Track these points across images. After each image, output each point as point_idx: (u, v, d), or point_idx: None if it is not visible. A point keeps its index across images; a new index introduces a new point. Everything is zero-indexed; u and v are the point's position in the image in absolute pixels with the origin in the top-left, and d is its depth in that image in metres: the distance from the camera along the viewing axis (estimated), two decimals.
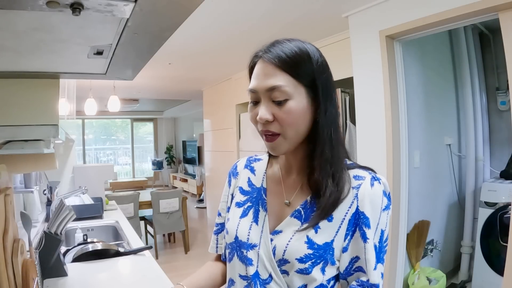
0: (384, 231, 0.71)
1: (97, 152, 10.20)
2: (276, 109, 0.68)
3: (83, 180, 2.86)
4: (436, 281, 2.45)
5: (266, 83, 0.68)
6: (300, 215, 0.73)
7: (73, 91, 2.63)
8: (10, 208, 0.99)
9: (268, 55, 0.70)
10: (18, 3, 0.49)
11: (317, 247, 0.68)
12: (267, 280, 0.72)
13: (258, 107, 0.71)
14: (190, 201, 7.13)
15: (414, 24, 1.99)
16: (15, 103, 0.96)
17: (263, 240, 0.74)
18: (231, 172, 0.91)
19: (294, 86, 0.68)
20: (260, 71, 0.70)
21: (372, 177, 0.72)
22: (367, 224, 0.69)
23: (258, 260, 0.73)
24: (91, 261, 1.58)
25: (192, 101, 7.26)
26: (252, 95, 0.72)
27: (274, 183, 0.81)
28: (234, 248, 0.78)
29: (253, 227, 0.76)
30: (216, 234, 0.91)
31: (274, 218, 0.76)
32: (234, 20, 2.53)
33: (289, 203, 0.76)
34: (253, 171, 0.86)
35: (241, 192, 0.84)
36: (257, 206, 0.79)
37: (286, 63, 0.68)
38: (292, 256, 0.69)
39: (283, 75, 0.68)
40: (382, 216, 0.70)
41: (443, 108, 2.93)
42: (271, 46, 0.71)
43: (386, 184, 0.73)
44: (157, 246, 4.38)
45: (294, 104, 0.68)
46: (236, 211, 0.82)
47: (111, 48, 0.75)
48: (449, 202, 2.99)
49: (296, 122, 0.69)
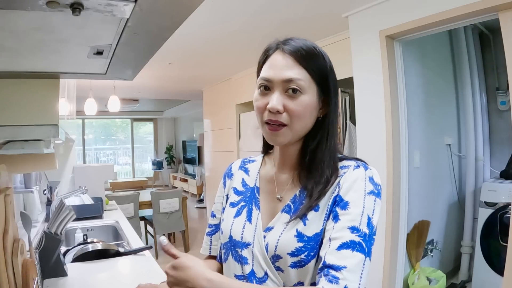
0: (371, 218, 0.65)
1: (97, 152, 10.20)
2: (288, 101, 0.70)
3: (83, 180, 2.86)
4: (436, 281, 2.45)
5: (284, 74, 0.70)
6: (290, 209, 0.73)
7: (73, 91, 2.63)
8: (10, 208, 0.99)
9: (288, 47, 0.71)
10: (18, 3, 0.49)
11: (307, 239, 0.68)
12: (263, 278, 0.72)
13: (267, 96, 0.72)
14: (190, 201, 7.13)
15: (414, 24, 1.99)
16: (15, 103, 0.96)
17: (256, 238, 0.74)
18: (226, 174, 0.92)
19: (309, 81, 0.70)
20: (278, 62, 0.71)
21: (356, 165, 0.72)
22: (342, 206, 0.67)
23: (253, 259, 0.74)
24: (91, 261, 1.58)
25: (192, 101, 7.26)
26: (264, 84, 0.72)
27: (266, 181, 0.82)
28: (229, 248, 0.78)
29: (246, 225, 0.77)
30: (210, 236, 0.91)
31: (267, 215, 0.77)
32: (234, 20, 2.53)
33: (280, 198, 0.77)
34: (247, 172, 0.87)
35: (235, 192, 0.85)
36: (251, 205, 0.80)
37: (305, 58, 0.70)
38: (284, 251, 0.69)
39: (301, 69, 0.70)
40: (367, 200, 0.67)
41: (443, 108, 2.93)
42: (289, 40, 0.73)
43: (376, 173, 0.72)
44: (157, 246, 4.37)
45: (306, 99, 0.70)
46: (230, 211, 0.82)
47: (111, 48, 0.75)
48: (449, 202, 2.99)
49: (304, 116, 0.70)
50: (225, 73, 4.46)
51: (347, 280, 0.58)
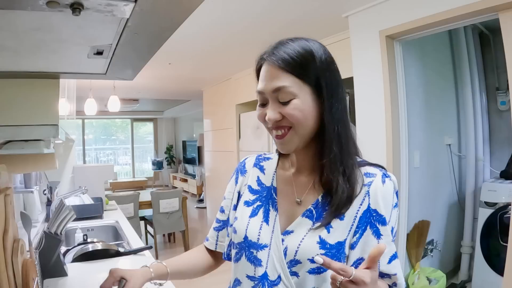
0: (394, 228, 0.71)
1: (97, 152, 10.20)
2: (283, 108, 0.70)
3: (83, 180, 2.86)
4: (436, 281, 2.45)
5: (272, 85, 0.70)
6: (312, 215, 0.72)
7: (73, 91, 2.63)
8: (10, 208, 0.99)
9: (272, 57, 0.71)
10: (18, 3, 0.49)
11: (329, 247, 0.68)
12: (276, 282, 0.71)
13: (266, 108, 0.72)
14: (190, 201, 7.13)
15: (414, 24, 1.99)
16: (15, 103, 0.96)
17: (274, 240, 0.73)
18: (238, 169, 0.90)
19: (298, 85, 0.69)
20: (266, 73, 0.72)
21: (383, 174, 0.72)
22: (381, 222, 0.69)
23: (268, 261, 0.73)
24: (91, 261, 1.58)
25: (192, 101, 7.26)
26: (260, 96, 0.74)
27: (284, 182, 0.80)
28: (243, 248, 0.77)
29: (263, 227, 0.76)
30: (217, 231, 0.90)
31: (285, 218, 0.75)
32: (234, 20, 2.53)
33: (300, 202, 0.75)
34: (263, 170, 0.85)
35: (250, 191, 0.83)
36: (268, 205, 0.78)
37: (290, 64, 0.69)
38: (304, 257, 0.69)
39: (287, 76, 0.69)
40: (393, 213, 0.71)
41: (443, 108, 2.93)
42: (275, 48, 0.72)
43: (395, 181, 0.73)
44: (157, 246, 4.37)
45: (300, 102, 0.69)
46: (245, 210, 0.81)
47: (111, 48, 0.75)
48: (449, 202, 2.99)
49: (303, 118, 0.70)
50: (225, 73, 4.46)
51: (399, 279, 0.71)
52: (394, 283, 0.71)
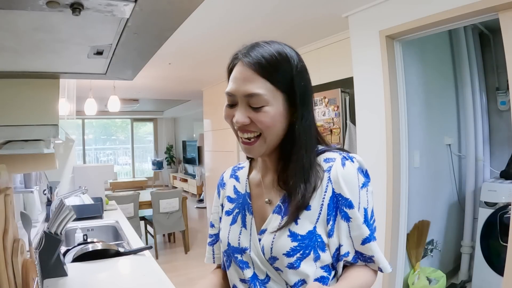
0: (367, 209, 0.71)
1: (97, 152, 10.19)
2: (252, 113, 0.69)
3: (83, 180, 2.86)
4: (436, 281, 2.45)
5: (245, 88, 0.68)
6: (281, 210, 0.74)
7: (73, 91, 2.63)
8: (10, 208, 0.99)
9: (248, 59, 0.69)
10: (18, 3, 0.49)
11: (301, 238, 0.69)
12: (265, 280, 0.73)
13: (234, 109, 0.71)
14: (190, 201, 7.13)
15: (414, 24, 1.99)
16: (15, 103, 0.96)
17: (252, 242, 0.75)
18: (219, 184, 0.92)
19: (271, 92, 0.68)
20: (239, 74, 0.70)
21: (342, 157, 0.72)
22: (348, 205, 0.69)
23: (253, 262, 0.74)
24: (91, 261, 1.58)
25: (192, 101, 7.26)
26: (229, 98, 0.72)
27: (256, 186, 0.82)
28: (229, 255, 0.79)
29: (242, 231, 0.78)
30: (211, 245, 0.92)
31: (259, 219, 0.77)
32: (234, 20, 2.53)
33: (269, 201, 0.77)
34: (238, 179, 0.87)
35: (229, 200, 0.86)
36: (244, 211, 0.80)
37: (265, 69, 0.68)
38: (279, 252, 0.70)
39: (262, 81, 0.68)
40: (361, 194, 0.70)
41: (443, 108, 2.93)
42: (251, 49, 0.71)
43: (361, 161, 0.73)
44: (157, 246, 4.38)
45: (271, 110, 0.68)
46: (226, 219, 0.83)
47: (111, 48, 0.75)
48: (449, 202, 2.99)
49: (272, 125, 0.69)
50: (225, 73, 4.44)
51: (380, 263, 0.72)
52: (379, 267, 0.73)
